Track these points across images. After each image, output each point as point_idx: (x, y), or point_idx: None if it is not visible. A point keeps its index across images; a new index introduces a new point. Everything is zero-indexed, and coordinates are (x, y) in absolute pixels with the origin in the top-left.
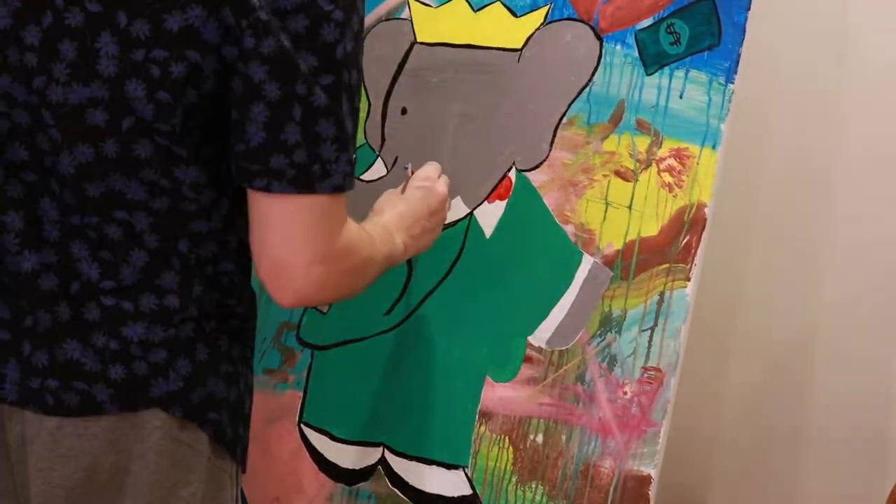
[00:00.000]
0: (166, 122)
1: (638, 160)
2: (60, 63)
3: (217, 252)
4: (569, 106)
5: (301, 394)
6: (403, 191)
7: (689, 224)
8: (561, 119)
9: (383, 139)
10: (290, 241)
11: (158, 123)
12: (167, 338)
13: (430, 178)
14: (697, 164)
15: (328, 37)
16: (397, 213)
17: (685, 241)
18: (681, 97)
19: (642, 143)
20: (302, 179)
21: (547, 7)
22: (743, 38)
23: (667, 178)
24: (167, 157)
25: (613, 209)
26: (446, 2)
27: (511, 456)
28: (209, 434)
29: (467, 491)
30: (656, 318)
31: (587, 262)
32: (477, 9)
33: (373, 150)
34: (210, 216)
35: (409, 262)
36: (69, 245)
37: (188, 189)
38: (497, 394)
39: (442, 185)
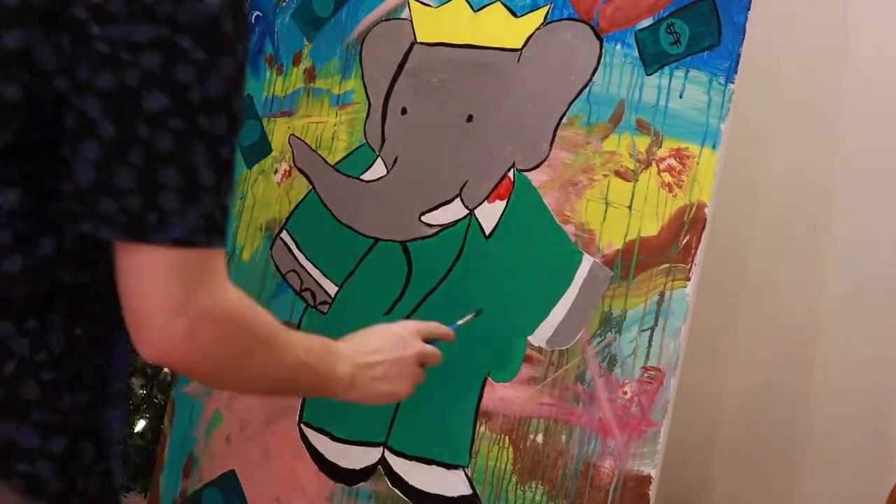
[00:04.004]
0: None
1: (638, 160)
2: None
3: (26, 294)
4: (569, 106)
5: None
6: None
7: (689, 224)
8: (561, 119)
9: (383, 139)
10: (143, 290)
11: None
12: None
13: (413, 333)
14: (697, 163)
15: (183, 77)
16: (354, 344)
17: (685, 241)
18: (681, 97)
19: (642, 143)
20: (134, 227)
21: (547, 7)
22: (743, 38)
23: (667, 177)
24: None
25: (613, 209)
26: (446, 2)
27: (511, 456)
28: (18, 489)
29: (467, 491)
30: (656, 318)
31: (587, 262)
32: (477, 9)
33: (373, 150)
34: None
35: (408, 261)
36: None
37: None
38: (497, 394)
39: (419, 342)
